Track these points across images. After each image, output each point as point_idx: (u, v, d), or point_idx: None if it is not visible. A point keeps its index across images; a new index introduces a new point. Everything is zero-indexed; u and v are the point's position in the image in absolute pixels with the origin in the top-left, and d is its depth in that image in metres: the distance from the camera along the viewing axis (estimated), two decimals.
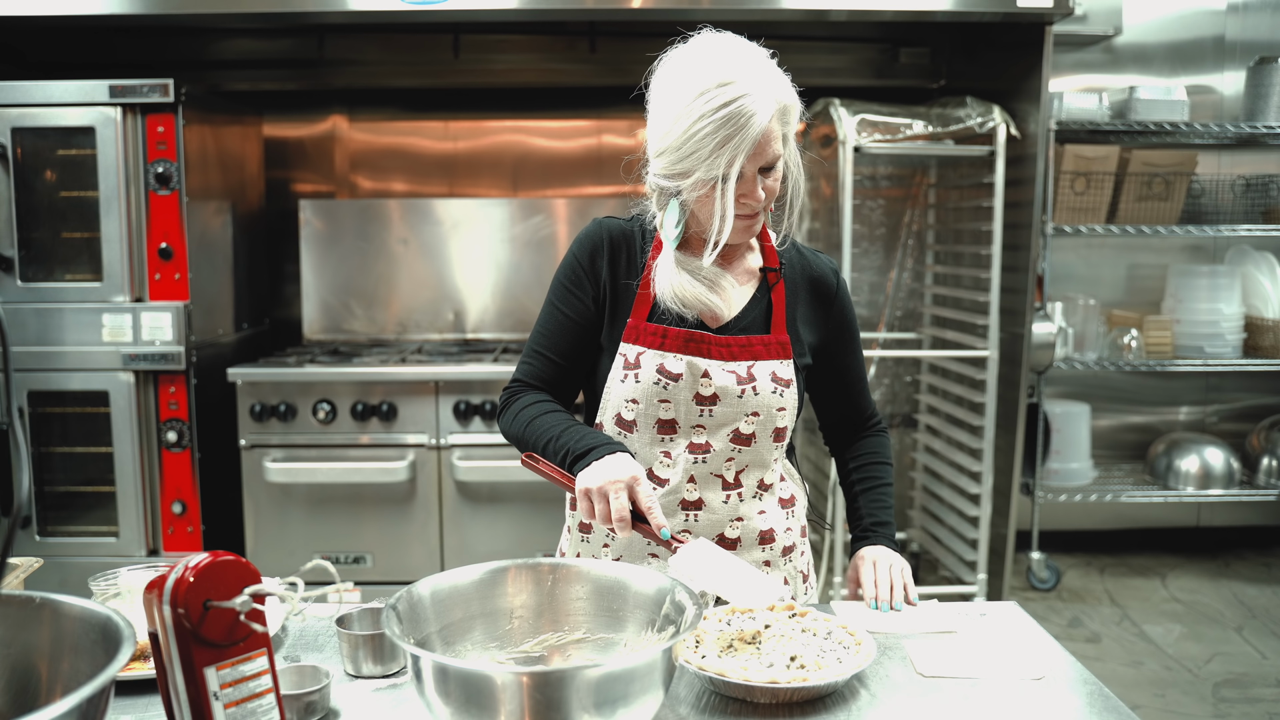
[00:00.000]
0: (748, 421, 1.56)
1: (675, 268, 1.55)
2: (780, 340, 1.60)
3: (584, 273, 1.61)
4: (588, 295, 1.61)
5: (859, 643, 1.36)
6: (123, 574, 1.54)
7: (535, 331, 1.64)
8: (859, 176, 3.98)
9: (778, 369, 1.58)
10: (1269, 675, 3.36)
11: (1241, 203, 4.30)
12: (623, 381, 1.57)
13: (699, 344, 1.55)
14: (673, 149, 1.46)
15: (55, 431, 3.35)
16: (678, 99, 1.45)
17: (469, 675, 1.07)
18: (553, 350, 1.62)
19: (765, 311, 1.61)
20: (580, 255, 1.62)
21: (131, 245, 3.26)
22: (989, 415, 3.53)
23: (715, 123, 1.41)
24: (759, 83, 1.43)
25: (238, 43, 4.05)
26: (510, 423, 1.60)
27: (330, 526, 3.43)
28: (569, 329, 1.61)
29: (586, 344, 1.62)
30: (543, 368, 1.62)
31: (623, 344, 1.58)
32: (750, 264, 1.64)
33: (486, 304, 4.11)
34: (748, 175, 1.47)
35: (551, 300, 1.63)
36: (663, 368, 1.55)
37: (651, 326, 1.57)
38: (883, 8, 3.28)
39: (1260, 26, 4.41)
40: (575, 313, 1.61)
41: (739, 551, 1.60)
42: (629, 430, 1.58)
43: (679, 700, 1.28)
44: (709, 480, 1.58)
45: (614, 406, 1.59)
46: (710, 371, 1.55)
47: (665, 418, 1.56)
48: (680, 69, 1.47)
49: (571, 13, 3.51)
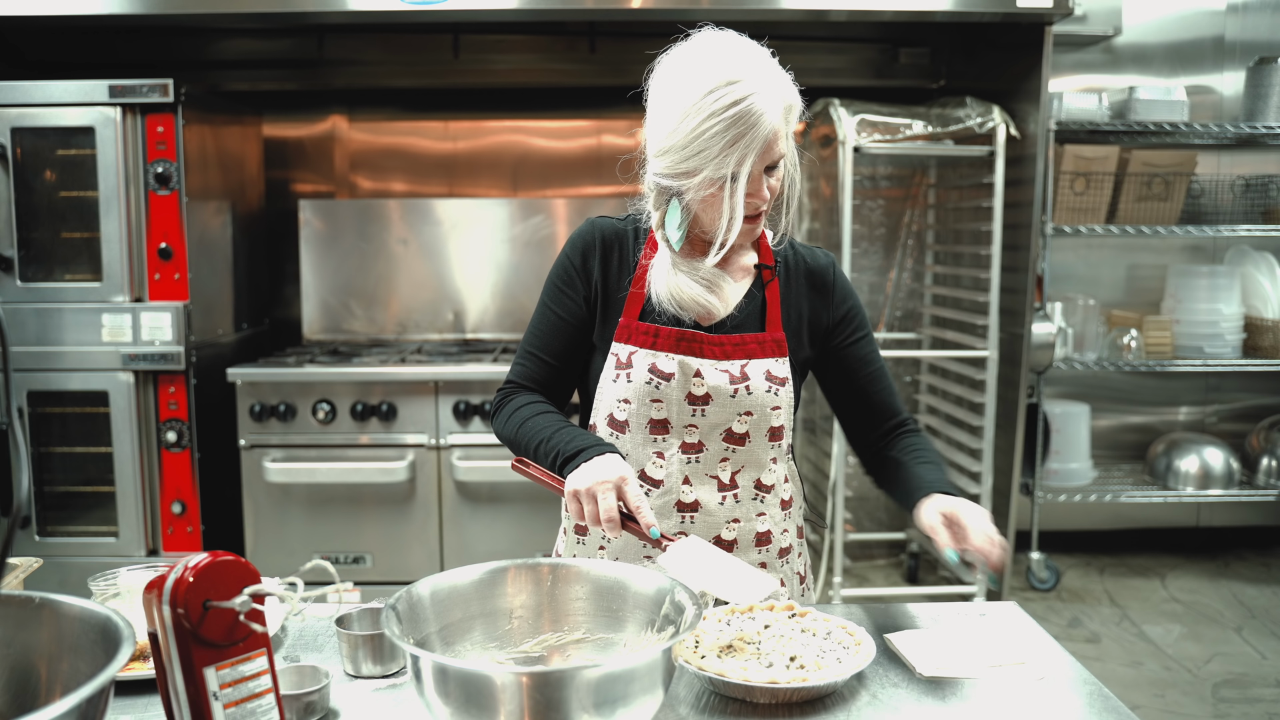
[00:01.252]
0: (740, 421, 1.56)
1: (672, 268, 1.55)
2: (775, 338, 1.58)
3: (575, 272, 1.61)
4: (579, 295, 1.60)
5: (858, 643, 1.35)
6: (122, 574, 1.53)
7: (528, 332, 1.64)
8: (859, 177, 3.98)
9: (772, 367, 1.57)
10: (1268, 675, 3.36)
11: (1241, 203, 4.30)
12: (614, 381, 1.57)
13: (691, 343, 1.55)
14: (678, 148, 1.45)
15: (55, 431, 3.35)
16: (683, 97, 1.43)
17: (468, 675, 1.07)
18: (545, 351, 1.61)
19: (760, 309, 1.60)
20: (572, 255, 1.62)
21: (131, 245, 3.26)
22: (989, 415, 3.53)
23: (725, 121, 1.40)
24: (766, 81, 1.42)
25: (238, 43, 4.05)
26: (503, 425, 1.59)
27: (330, 527, 3.43)
28: (561, 329, 1.61)
29: (579, 344, 1.62)
30: (536, 369, 1.62)
31: (614, 343, 1.58)
32: (745, 261, 1.63)
33: (486, 304, 4.11)
34: (755, 174, 1.46)
35: (544, 301, 1.63)
36: (654, 367, 1.54)
37: (643, 325, 1.56)
38: (883, 8, 3.28)
39: (1260, 26, 4.41)
40: (567, 313, 1.60)
41: (734, 553, 1.59)
42: (621, 431, 1.58)
43: (679, 700, 1.28)
44: (704, 481, 1.57)
45: (606, 407, 1.58)
46: (703, 371, 1.54)
47: (657, 417, 1.55)
48: (684, 67, 1.45)
49: (571, 13, 3.51)
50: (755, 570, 1.40)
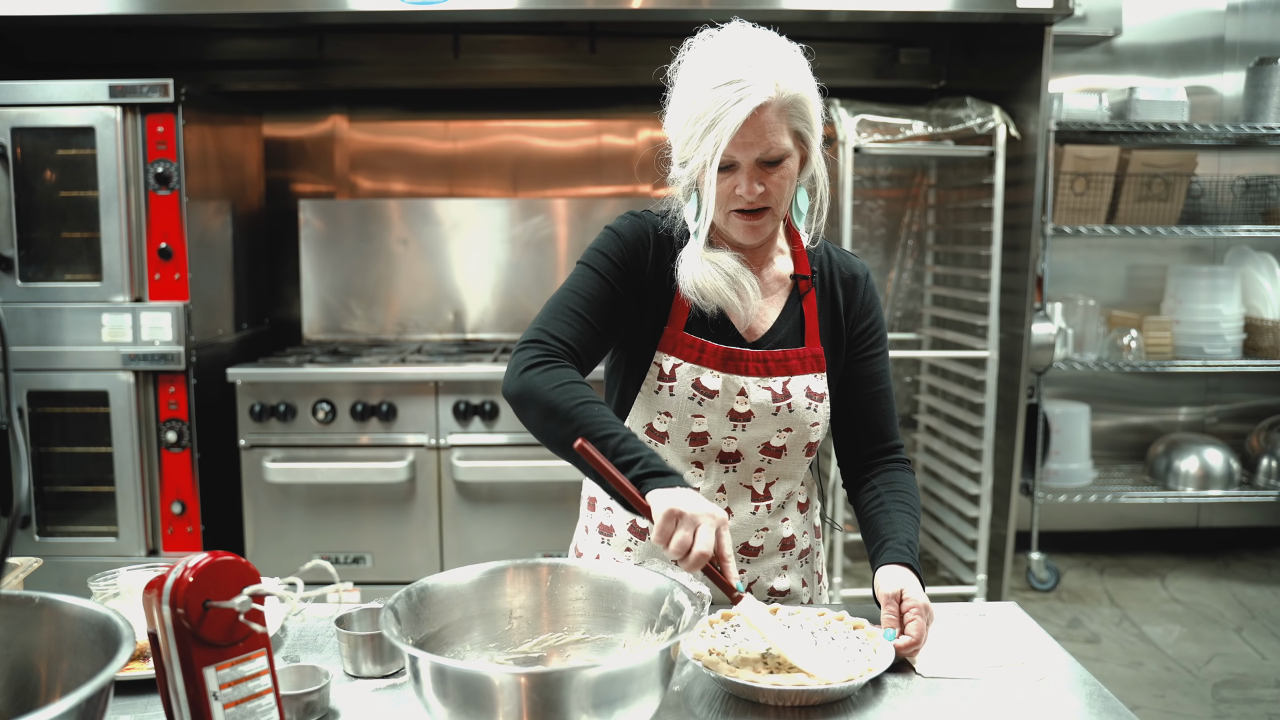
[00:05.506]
0: (780, 436, 1.54)
1: (699, 258, 1.51)
2: (814, 353, 1.55)
3: (628, 252, 1.52)
4: (628, 275, 1.52)
5: (875, 650, 1.35)
6: (122, 574, 1.53)
7: (565, 292, 1.49)
8: (859, 177, 3.98)
9: (812, 384, 1.54)
10: (1268, 676, 3.36)
11: (1241, 203, 4.30)
12: (656, 393, 1.53)
13: (736, 361, 1.51)
14: (681, 139, 1.45)
15: (55, 431, 3.35)
16: (682, 87, 1.45)
17: (467, 676, 1.07)
18: (589, 311, 1.47)
19: (799, 322, 1.56)
20: (626, 236, 1.53)
21: (131, 245, 3.26)
22: (989, 416, 3.53)
23: (703, 107, 1.40)
24: (758, 71, 1.39)
25: (238, 43, 4.05)
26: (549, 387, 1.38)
27: (330, 526, 3.43)
28: (608, 296, 1.49)
29: (619, 321, 1.52)
30: (580, 330, 1.46)
31: (658, 353, 1.53)
32: (780, 269, 1.59)
33: (486, 304, 4.11)
34: (743, 166, 1.43)
35: (588, 266, 1.51)
36: (699, 383, 1.51)
37: (689, 338, 1.52)
38: (883, 8, 3.28)
39: (1260, 27, 4.41)
40: (616, 281, 1.50)
41: (760, 558, 1.60)
42: (661, 441, 1.55)
43: (693, 701, 1.28)
44: (739, 491, 1.56)
45: (646, 416, 1.55)
46: (747, 389, 1.51)
47: (698, 430, 1.53)
48: (691, 59, 1.46)
49: (571, 13, 3.51)
50: (816, 651, 1.35)
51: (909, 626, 1.38)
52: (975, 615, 1.58)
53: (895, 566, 1.45)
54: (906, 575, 1.44)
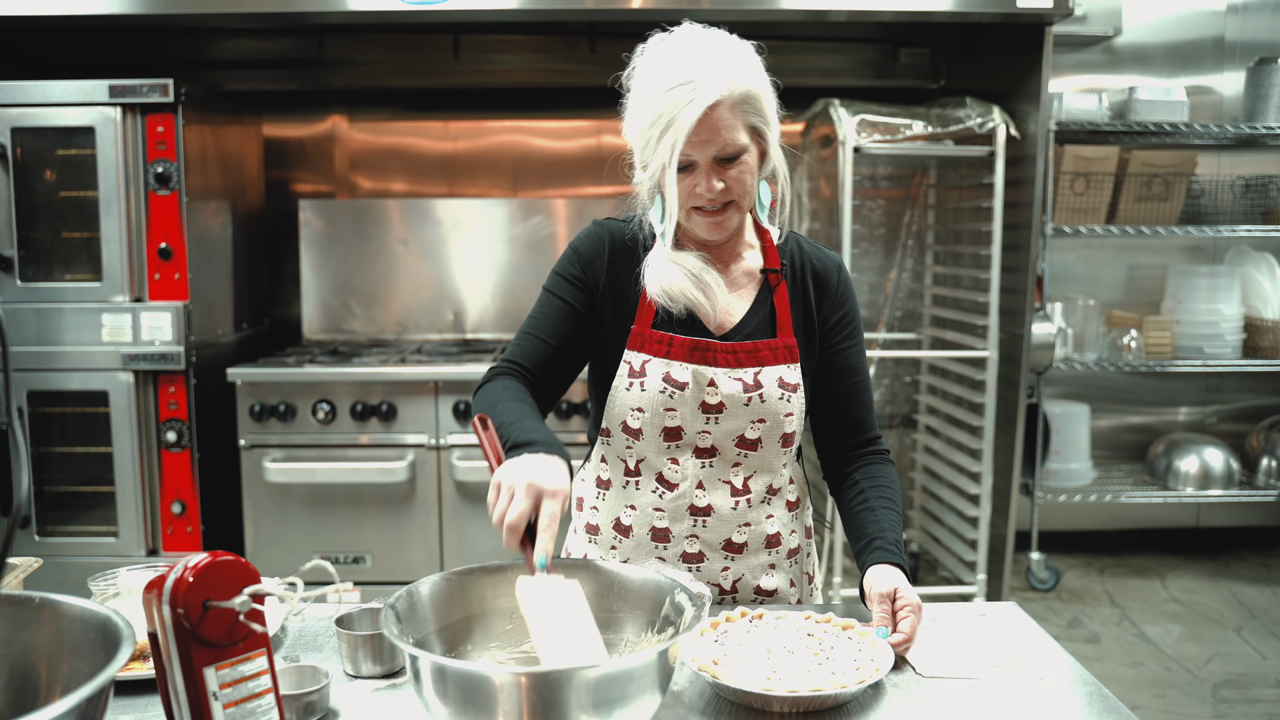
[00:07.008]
0: (753, 428, 1.55)
1: (665, 261, 1.54)
2: (786, 344, 1.57)
3: (584, 269, 1.59)
4: (585, 290, 1.58)
5: (872, 660, 1.35)
6: (122, 574, 1.53)
7: (528, 318, 1.60)
8: (859, 177, 3.98)
9: (785, 374, 1.55)
10: (1268, 676, 3.36)
11: (1241, 203, 4.30)
12: (628, 390, 1.55)
13: (705, 352, 1.53)
14: (640, 143, 1.48)
15: (55, 431, 3.35)
16: (636, 91, 1.48)
17: (467, 676, 1.07)
18: (544, 332, 1.57)
19: (769, 315, 1.58)
20: (582, 250, 1.59)
21: (131, 245, 3.26)
22: (988, 415, 3.53)
23: (657, 109, 1.43)
24: (708, 69, 1.42)
25: (237, 43, 4.05)
26: (480, 400, 1.50)
27: (330, 526, 3.43)
28: (564, 315, 1.57)
29: (579, 334, 1.58)
30: (533, 348, 1.56)
31: (627, 351, 1.56)
32: (749, 264, 1.61)
33: (486, 304, 4.11)
34: (701, 164, 1.46)
35: (547, 289, 1.60)
36: (669, 376, 1.53)
37: (657, 334, 1.54)
38: (883, 8, 3.28)
39: (1260, 27, 4.41)
40: (572, 299, 1.57)
41: (744, 555, 1.59)
42: (636, 438, 1.56)
43: (683, 705, 1.28)
44: (718, 486, 1.57)
45: (620, 414, 1.57)
46: (716, 380, 1.53)
47: (671, 425, 1.54)
48: (644, 63, 1.49)
49: (571, 13, 3.51)
50: (596, 642, 1.18)
51: (902, 624, 1.40)
52: (975, 615, 1.58)
53: (886, 566, 1.48)
54: (898, 575, 1.46)
